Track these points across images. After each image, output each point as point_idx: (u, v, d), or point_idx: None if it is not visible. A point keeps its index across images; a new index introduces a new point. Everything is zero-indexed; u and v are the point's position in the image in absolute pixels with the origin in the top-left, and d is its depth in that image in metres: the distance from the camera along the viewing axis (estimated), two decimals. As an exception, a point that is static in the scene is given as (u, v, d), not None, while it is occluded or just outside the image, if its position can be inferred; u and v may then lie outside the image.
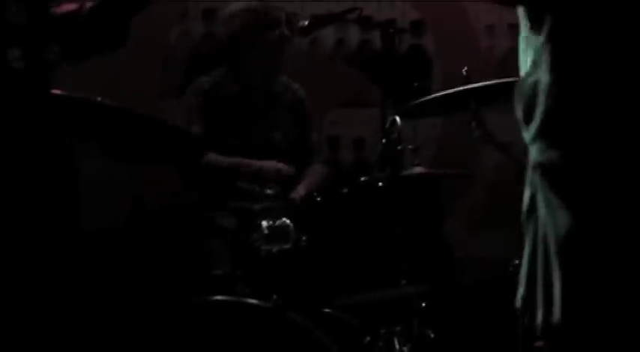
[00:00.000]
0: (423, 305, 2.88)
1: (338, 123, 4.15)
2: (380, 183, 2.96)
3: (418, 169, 3.26)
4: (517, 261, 2.55)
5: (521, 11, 1.43)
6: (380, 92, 3.49)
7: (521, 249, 1.40)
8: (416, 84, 3.72)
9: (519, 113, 1.39)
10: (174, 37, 4.06)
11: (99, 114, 2.39)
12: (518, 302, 1.35)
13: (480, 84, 3.05)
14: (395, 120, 2.96)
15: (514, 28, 4.82)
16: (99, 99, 2.62)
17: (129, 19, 2.10)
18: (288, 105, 3.51)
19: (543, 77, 1.31)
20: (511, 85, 3.03)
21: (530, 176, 1.34)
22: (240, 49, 3.40)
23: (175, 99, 3.73)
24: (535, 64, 1.35)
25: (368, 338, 2.73)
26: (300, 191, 3.28)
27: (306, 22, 3.42)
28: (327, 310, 2.76)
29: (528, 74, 1.37)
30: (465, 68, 3.18)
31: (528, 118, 1.35)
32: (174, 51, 4.06)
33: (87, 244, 2.22)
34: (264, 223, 2.73)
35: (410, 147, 3.31)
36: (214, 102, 3.39)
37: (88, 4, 2.10)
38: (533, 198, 1.32)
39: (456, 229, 4.11)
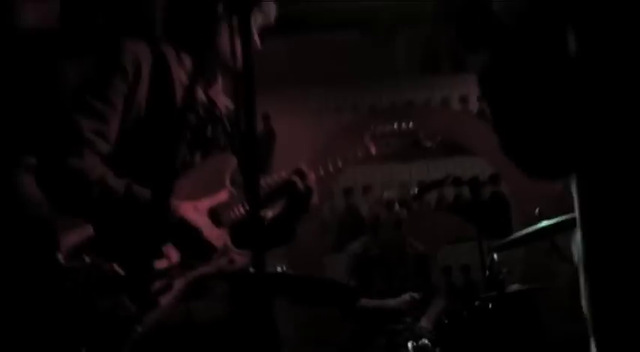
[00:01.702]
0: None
1: (449, 256, 4.13)
2: (490, 305, 2.91)
3: (515, 286, 3.20)
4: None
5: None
6: (475, 229, 3.47)
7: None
8: (500, 223, 3.71)
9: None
10: (325, 209, 4.23)
11: (289, 281, 2.53)
12: None
13: (552, 221, 3.01)
14: (493, 257, 2.95)
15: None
16: (284, 268, 2.76)
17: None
18: (415, 258, 3.52)
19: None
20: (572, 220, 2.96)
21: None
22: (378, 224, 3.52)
23: (331, 254, 3.84)
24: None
25: None
26: (426, 320, 3.24)
27: (416, 191, 3.51)
28: None
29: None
30: (538, 208, 3.16)
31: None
32: (327, 220, 4.23)
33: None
34: (410, 344, 2.72)
35: (505, 270, 3.27)
36: (364, 261, 3.46)
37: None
38: None
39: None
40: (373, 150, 1.95)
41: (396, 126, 2.02)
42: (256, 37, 1.66)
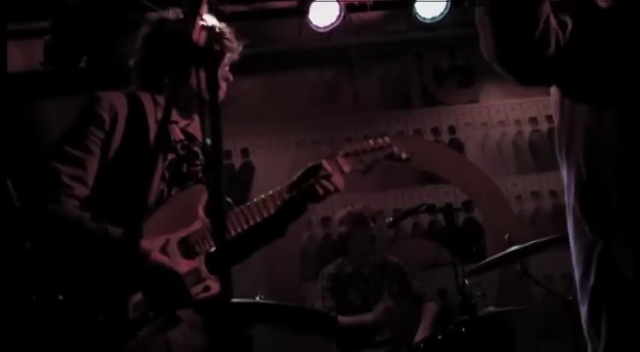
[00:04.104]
0: None
1: (425, 280, 4.11)
2: (463, 329, 2.91)
3: (489, 309, 3.20)
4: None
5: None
6: (450, 254, 3.48)
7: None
8: (474, 249, 3.72)
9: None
10: (304, 238, 4.22)
11: (266, 308, 2.51)
12: None
13: (521, 245, 3.05)
14: (465, 282, 2.95)
15: (535, 195, 4.73)
16: (262, 297, 2.74)
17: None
18: (390, 271, 3.51)
19: None
20: (542, 243, 2.99)
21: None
22: (347, 242, 3.52)
23: (311, 281, 3.82)
24: None
25: None
26: (422, 333, 3.21)
27: (391, 219, 3.51)
28: None
29: None
30: (507, 235, 3.19)
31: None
32: (306, 248, 4.21)
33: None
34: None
35: (478, 293, 3.27)
36: (339, 280, 3.45)
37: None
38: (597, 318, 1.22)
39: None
40: (346, 168, 1.90)
41: (371, 141, 1.96)
42: (229, 74, 1.74)
